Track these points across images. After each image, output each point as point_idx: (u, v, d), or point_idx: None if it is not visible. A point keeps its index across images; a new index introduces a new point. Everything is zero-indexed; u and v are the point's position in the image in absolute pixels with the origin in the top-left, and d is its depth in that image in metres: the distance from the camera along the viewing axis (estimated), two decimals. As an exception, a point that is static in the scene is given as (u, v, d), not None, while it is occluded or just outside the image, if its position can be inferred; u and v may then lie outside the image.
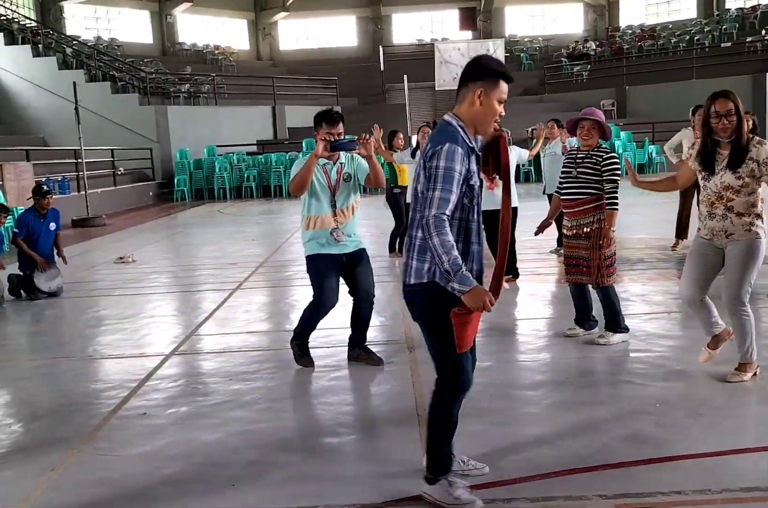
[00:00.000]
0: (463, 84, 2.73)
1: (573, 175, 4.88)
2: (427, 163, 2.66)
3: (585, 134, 4.82)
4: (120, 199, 17.58)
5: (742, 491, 2.85)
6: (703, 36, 26.00)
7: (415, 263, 2.75)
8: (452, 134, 2.68)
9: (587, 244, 4.84)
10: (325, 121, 4.39)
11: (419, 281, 2.74)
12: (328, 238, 4.50)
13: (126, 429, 3.81)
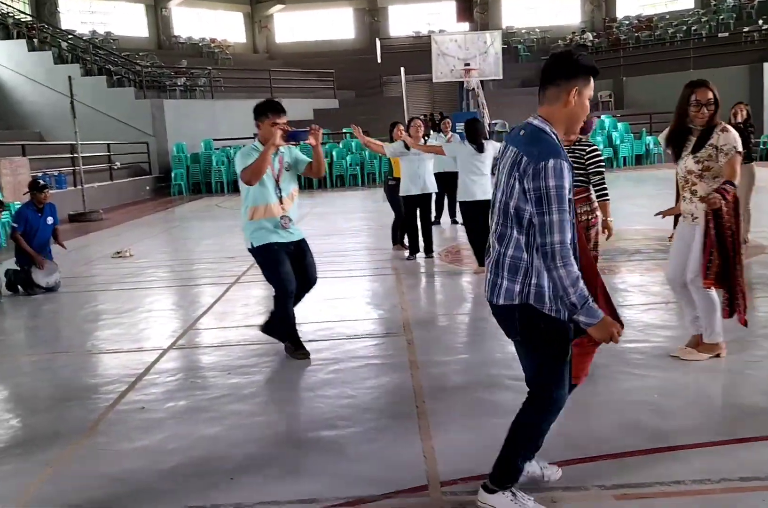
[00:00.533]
0: (552, 83, 2.51)
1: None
2: (526, 181, 2.42)
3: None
4: (117, 193, 17.55)
5: (740, 480, 2.85)
6: (701, 26, 25.95)
7: (505, 282, 2.56)
8: (552, 145, 2.45)
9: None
10: (270, 110, 4.44)
11: (510, 303, 2.56)
12: (277, 226, 4.56)
13: (124, 423, 3.80)
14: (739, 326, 4.26)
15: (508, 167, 2.51)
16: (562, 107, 2.51)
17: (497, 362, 4.53)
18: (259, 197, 4.52)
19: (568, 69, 2.49)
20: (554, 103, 2.52)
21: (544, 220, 2.41)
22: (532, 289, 2.51)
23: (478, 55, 21.72)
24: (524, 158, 2.44)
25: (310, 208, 14.63)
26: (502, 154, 2.61)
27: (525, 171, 2.43)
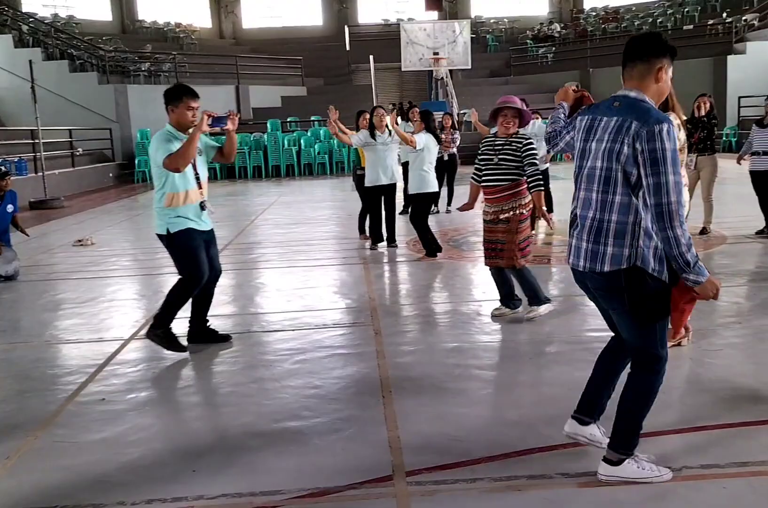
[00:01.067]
0: (641, 59, 2.67)
1: (494, 163, 5.03)
2: (639, 143, 2.51)
3: (507, 122, 4.96)
4: (79, 180, 17.22)
5: (701, 468, 2.89)
6: (666, 18, 26.21)
7: (610, 248, 2.62)
8: (659, 112, 2.59)
9: (505, 228, 5.02)
10: (186, 94, 4.41)
11: (616, 268, 2.61)
12: (197, 213, 4.52)
13: (84, 415, 3.73)
14: (699, 315, 4.31)
15: (611, 135, 2.61)
16: (652, 83, 2.68)
17: (464, 351, 4.54)
18: (180, 183, 4.44)
19: (659, 48, 2.68)
20: (644, 79, 2.68)
21: (660, 181, 2.49)
22: (639, 251, 2.59)
23: (447, 45, 21.71)
24: (634, 123, 2.55)
25: (277, 197, 14.52)
26: (587, 126, 2.75)
27: (638, 135, 2.52)
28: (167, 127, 4.47)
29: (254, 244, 9.00)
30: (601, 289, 2.74)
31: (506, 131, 5.03)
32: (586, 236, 2.70)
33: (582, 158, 2.78)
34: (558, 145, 3.14)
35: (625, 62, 2.72)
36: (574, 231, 2.77)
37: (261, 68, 25.02)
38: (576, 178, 2.82)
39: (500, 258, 5.09)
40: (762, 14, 22.95)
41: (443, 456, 3.07)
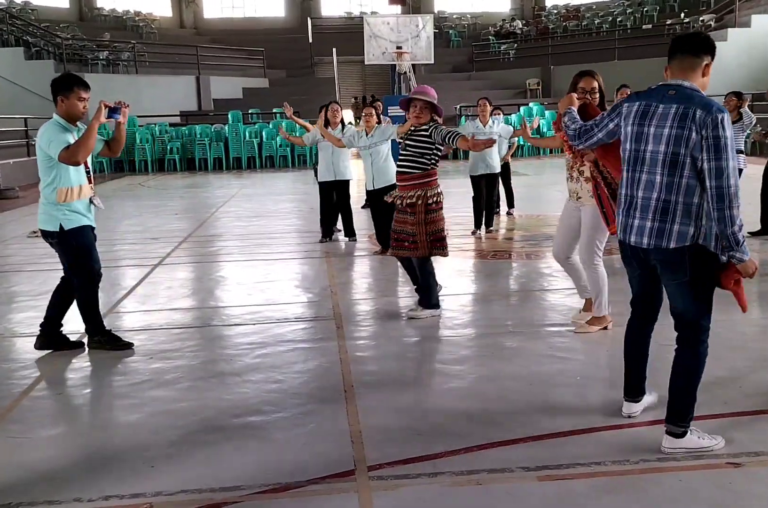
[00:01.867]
0: (693, 54, 2.95)
1: (406, 151, 5.02)
2: (705, 130, 2.78)
3: (418, 113, 4.90)
4: (34, 170, 16.62)
5: (658, 460, 2.94)
6: (625, 18, 26.56)
7: (677, 227, 2.88)
8: (717, 102, 2.88)
9: (413, 220, 4.96)
10: (77, 85, 4.27)
11: (682, 245, 2.89)
12: (87, 208, 4.38)
13: (39, 410, 3.65)
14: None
15: (675, 121, 2.84)
16: (699, 76, 2.96)
17: (426, 345, 4.55)
18: (73, 177, 4.27)
19: (709, 46, 2.97)
20: (693, 72, 2.96)
21: (720, 165, 2.76)
22: (701, 230, 2.88)
23: (410, 39, 21.68)
24: (699, 111, 2.80)
25: (238, 189, 14.38)
26: (641, 112, 2.97)
27: (704, 122, 2.78)
28: (55, 118, 4.26)
29: (214, 237, 8.90)
30: (665, 263, 2.98)
31: (416, 122, 4.96)
32: (651, 215, 2.94)
33: (638, 142, 2.97)
34: (594, 137, 3.29)
35: (674, 55, 3.00)
36: (632, 211, 3.00)
37: (222, 59, 24.73)
38: (629, 160, 3.03)
39: (407, 249, 5.04)
40: (718, 15, 23.41)
41: (405, 450, 3.08)
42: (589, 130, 3.30)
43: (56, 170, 4.22)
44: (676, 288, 3.00)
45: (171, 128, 20.11)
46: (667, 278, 3.02)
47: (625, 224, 3.05)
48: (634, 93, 3.17)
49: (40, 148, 4.20)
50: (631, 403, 3.36)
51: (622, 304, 4.50)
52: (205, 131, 19.69)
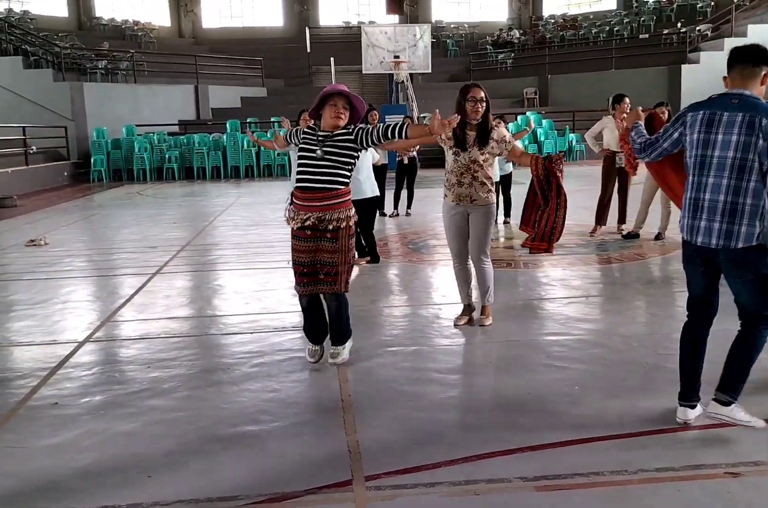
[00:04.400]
0: (754, 64, 3.15)
1: (317, 157, 4.04)
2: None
3: (339, 113, 4.03)
4: (32, 179, 16.83)
5: (657, 471, 2.94)
6: (622, 27, 26.67)
7: (744, 228, 3.08)
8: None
9: (334, 247, 4.09)
10: None
11: (749, 244, 3.09)
12: None
13: (36, 420, 3.64)
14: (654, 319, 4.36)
15: (743, 129, 3.06)
16: (759, 85, 3.18)
17: (423, 355, 4.54)
18: None
19: (766, 57, 3.15)
20: (752, 81, 3.17)
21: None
22: (765, 230, 3.09)
23: (408, 48, 21.77)
24: (764, 119, 3.02)
25: (236, 198, 14.39)
26: (707, 120, 3.17)
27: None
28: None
29: (212, 246, 8.90)
30: (733, 262, 3.16)
31: (336, 124, 4.05)
32: (719, 217, 3.12)
33: (705, 148, 3.17)
34: (659, 148, 3.46)
35: (733, 66, 3.20)
36: (699, 213, 3.18)
37: (220, 68, 24.77)
38: (695, 165, 3.21)
39: (325, 283, 4.14)
40: (715, 25, 23.53)
41: (402, 460, 3.07)
42: (654, 142, 3.48)
43: None
44: (741, 285, 3.20)
45: (169, 137, 20.15)
46: (732, 275, 3.20)
47: (692, 226, 3.22)
48: (695, 103, 3.35)
49: None
50: (687, 408, 3.37)
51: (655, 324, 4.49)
52: (204, 140, 19.72)
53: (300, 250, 4.17)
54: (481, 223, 4.87)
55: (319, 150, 4.03)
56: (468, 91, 4.68)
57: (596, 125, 8.67)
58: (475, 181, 4.77)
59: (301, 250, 4.17)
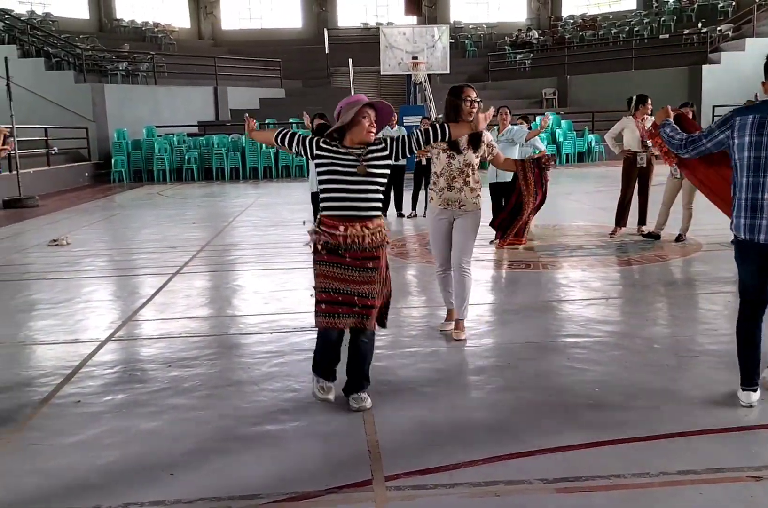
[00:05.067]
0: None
1: (359, 178, 3.59)
2: None
3: (372, 127, 3.64)
4: (54, 179, 17.02)
5: (678, 474, 2.92)
6: (642, 27, 26.51)
7: None
8: None
9: (374, 278, 3.67)
10: None
11: None
12: None
13: (59, 418, 3.68)
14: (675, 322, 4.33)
15: None
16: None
17: (442, 356, 4.55)
18: None
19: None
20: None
21: None
22: None
23: (426, 49, 21.76)
24: None
25: (255, 199, 14.46)
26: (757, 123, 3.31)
27: None
28: None
29: (231, 246, 8.95)
30: None
31: (368, 139, 3.61)
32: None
33: (758, 150, 3.32)
34: (702, 146, 3.59)
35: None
36: (759, 212, 3.34)
37: (239, 69, 24.91)
38: (749, 166, 3.35)
39: (358, 316, 3.63)
40: (736, 25, 23.33)
41: (422, 461, 3.07)
42: (697, 140, 3.60)
43: None
44: None
45: (189, 138, 20.29)
46: None
47: (752, 225, 3.37)
48: (743, 107, 3.53)
49: None
50: (750, 392, 3.54)
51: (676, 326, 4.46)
52: (223, 141, 19.84)
53: (334, 277, 3.62)
54: (466, 229, 4.77)
55: (361, 170, 3.58)
56: (462, 92, 4.56)
57: (616, 126, 8.62)
58: (466, 186, 4.70)
59: (336, 277, 3.62)
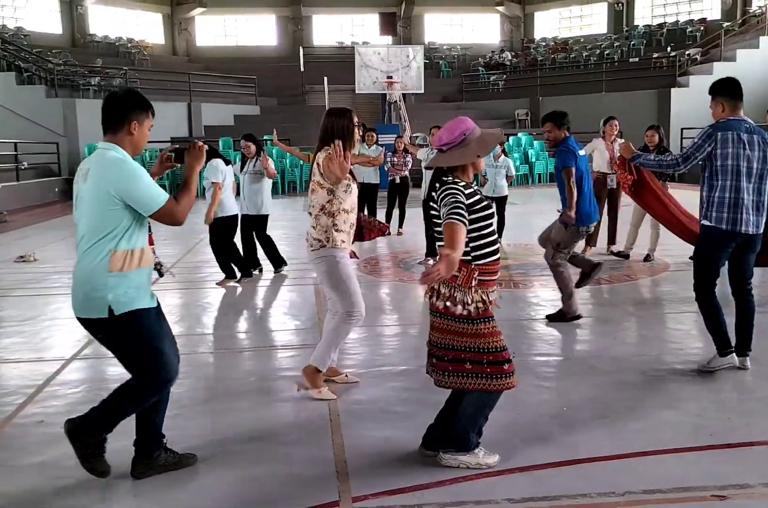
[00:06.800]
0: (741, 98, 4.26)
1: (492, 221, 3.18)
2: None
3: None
4: (23, 194, 16.80)
5: (644, 493, 2.93)
6: (613, 51, 27.01)
7: (764, 218, 4.23)
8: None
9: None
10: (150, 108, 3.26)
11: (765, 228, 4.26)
12: (149, 280, 3.09)
13: (22, 438, 3.61)
14: (644, 341, 4.36)
15: (762, 145, 4.18)
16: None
17: (413, 375, 4.53)
18: (141, 235, 3.01)
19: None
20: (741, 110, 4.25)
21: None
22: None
23: (401, 69, 21.98)
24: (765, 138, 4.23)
25: (227, 216, 14.37)
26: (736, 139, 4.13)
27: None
28: (119, 150, 3.04)
29: (202, 263, 8.87)
30: (758, 242, 4.30)
31: (480, 170, 3.33)
32: (756, 211, 4.20)
33: (737, 159, 4.13)
34: (696, 159, 4.28)
35: (725, 96, 4.21)
36: (739, 208, 4.15)
37: (214, 86, 24.89)
38: (731, 172, 4.14)
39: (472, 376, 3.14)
40: (704, 50, 23.86)
41: (390, 481, 3.06)
42: (689, 156, 4.29)
43: (119, 224, 2.92)
44: (752, 257, 4.38)
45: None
46: (753, 251, 4.34)
47: (735, 219, 4.16)
48: (720, 124, 4.22)
49: (109, 189, 2.88)
50: (733, 355, 4.41)
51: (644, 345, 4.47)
52: (196, 157, 19.73)
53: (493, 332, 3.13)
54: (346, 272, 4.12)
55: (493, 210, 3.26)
56: (352, 114, 4.17)
57: (586, 147, 8.74)
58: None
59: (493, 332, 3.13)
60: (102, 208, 2.89)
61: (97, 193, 2.90)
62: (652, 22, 28.47)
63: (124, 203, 2.89)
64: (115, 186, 2.87)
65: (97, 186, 2.91)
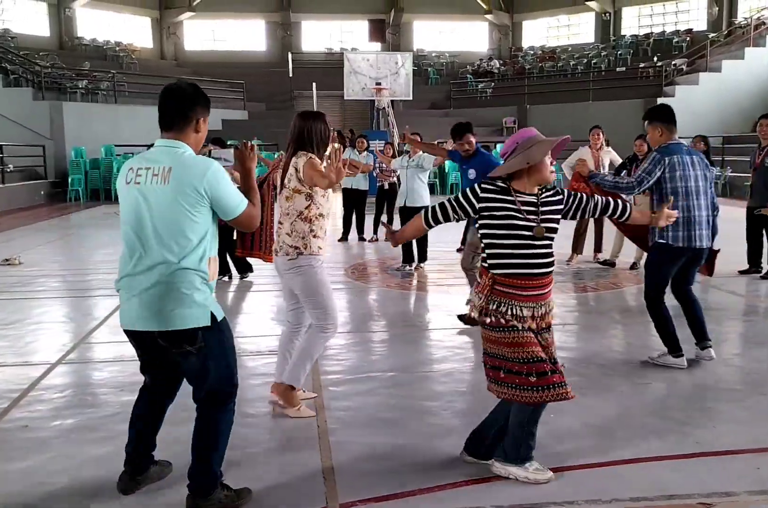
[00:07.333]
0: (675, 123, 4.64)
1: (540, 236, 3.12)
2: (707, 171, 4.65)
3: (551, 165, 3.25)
4: (8, 197, 16.67)
5: (631, 500, 2.94)
6: (600, 60, 27.23)
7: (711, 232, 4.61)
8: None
9: (551, 339, 3.26)
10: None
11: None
12: (213, 290, 2.91)
13: (6, 443, 3.57)
14: (629, 349, 4.39)
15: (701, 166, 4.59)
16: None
17: (401, 381, 4.54)
18: (216, 243, 2.88)
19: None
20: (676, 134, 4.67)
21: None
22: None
23: (390, 75, 22.04)
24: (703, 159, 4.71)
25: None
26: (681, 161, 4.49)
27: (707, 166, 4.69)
28: (188, 149, 2.81)
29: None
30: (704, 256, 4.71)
31: (548, 180, 3.18)
32: (705, 227, 4.55)
33: (686, 180, 4.49)
34: (649, 182, 4.52)
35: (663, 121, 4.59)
36: (693, 225, 4.48)
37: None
38: (683, 192, 4.47)
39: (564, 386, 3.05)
40: (690, 60, 24.09)
41: (378, 487, 3.05)
42: (643, 180, 4.52)
43: (208, 228, 2.79)
44: (696, 268, 4.79)
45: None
46: (699, 264, 4.75)
47: (689, 236, 4.48)
48: (665, 148, 4.54)
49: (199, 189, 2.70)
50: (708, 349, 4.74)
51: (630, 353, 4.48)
52: (183, 162, 19.67)
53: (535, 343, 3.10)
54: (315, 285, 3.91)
55: (538, 226, 3.09)
56: (326, 120, 3.94)
57: (573, 155, 8.81)
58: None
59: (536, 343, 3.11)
60: (191, 211, 2.69)
61: (184, 195, 2.68)
62: (639, 32, 28.72)
63: (210, 206, 2.74)
64: (206, 185, 2.69)
65: (184, 186, 2.68)
